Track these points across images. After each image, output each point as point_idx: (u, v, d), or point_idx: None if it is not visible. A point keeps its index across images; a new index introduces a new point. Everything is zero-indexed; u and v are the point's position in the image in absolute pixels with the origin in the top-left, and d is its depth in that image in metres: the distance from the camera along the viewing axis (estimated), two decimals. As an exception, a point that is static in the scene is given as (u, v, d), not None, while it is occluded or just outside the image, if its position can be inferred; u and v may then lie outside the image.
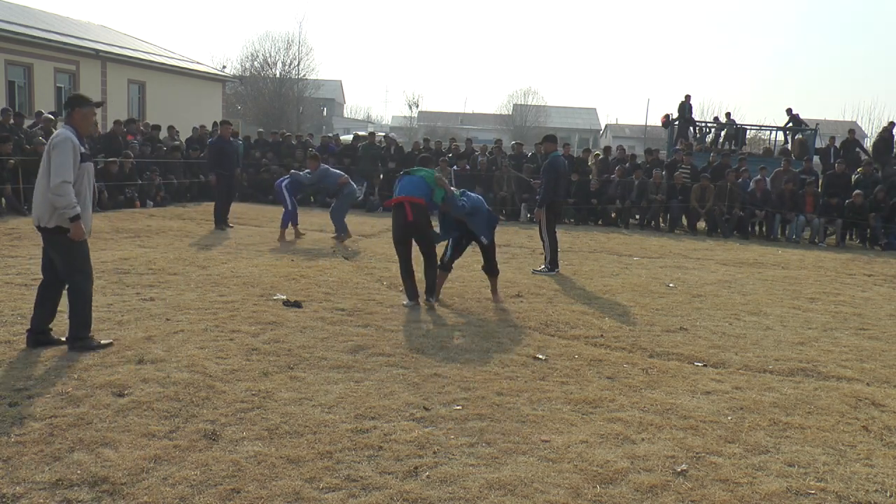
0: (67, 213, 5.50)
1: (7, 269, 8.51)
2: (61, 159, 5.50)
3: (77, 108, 5.77)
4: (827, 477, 4.16)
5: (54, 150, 5.54)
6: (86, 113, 5.82)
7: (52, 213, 5.57)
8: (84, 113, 5.80)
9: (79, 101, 5.83)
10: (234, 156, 13.88)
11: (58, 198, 5.46)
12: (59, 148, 5.54)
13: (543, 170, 10.85)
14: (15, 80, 25.24)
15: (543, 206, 10.66)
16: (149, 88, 31.22)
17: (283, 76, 50.61)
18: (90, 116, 5.90)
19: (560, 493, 3.79)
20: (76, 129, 5.72)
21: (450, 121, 68.06)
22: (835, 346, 7.16)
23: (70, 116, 5.77)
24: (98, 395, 4.74)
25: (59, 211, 5.52)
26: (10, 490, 3.51)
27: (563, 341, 6.80)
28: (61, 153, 5.51)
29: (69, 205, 5.48)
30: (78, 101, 5.82)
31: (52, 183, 5.46)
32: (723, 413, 5.08)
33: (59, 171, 5.47)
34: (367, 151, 19.73)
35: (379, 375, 5.46)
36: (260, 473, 3.81)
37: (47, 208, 5.57)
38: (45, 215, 5.60)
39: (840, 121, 48.05)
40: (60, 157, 5.50)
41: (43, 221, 5.62)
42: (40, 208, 5.62)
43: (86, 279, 5.79)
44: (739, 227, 17.30)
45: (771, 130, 26.62)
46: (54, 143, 5.59)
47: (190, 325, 6.53)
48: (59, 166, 5.48)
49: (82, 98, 5.90)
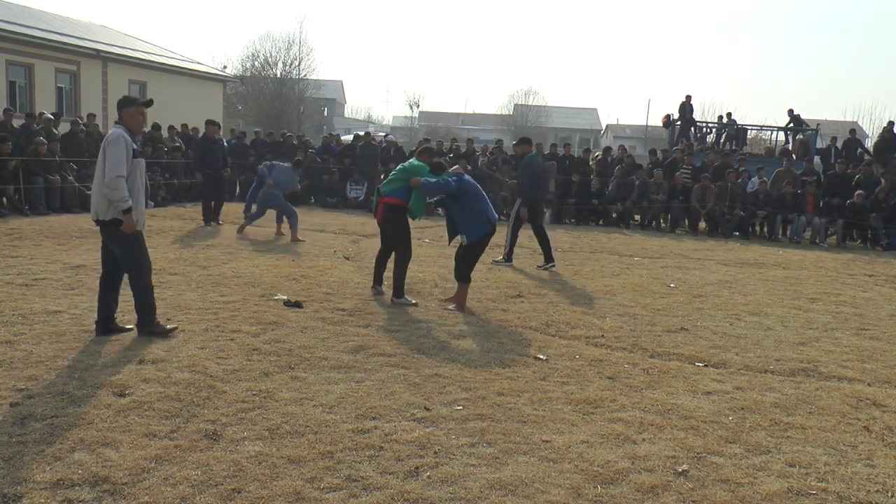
0: (120, 206, 5.85)
1: (8, 269, 8.52)
2: (115, 156, 5.85)
3: (125, 108, 6.13)
4: (828, 477, 4.16)
5: (109, 147, 5.89)
6: (133, 112, 6.14)
7: (108, 207, 5.91)
8: (132, 112, 6.13)
9: (126, 102, 6.19)
10: (220, 155, 13.98)
11: (112, 191, 5.82)
12: (113, 145, 5.88)
13: (521, 171, 11.20)
14: (16, 81, 25.26)
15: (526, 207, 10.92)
16: (150, 88, 31.18)
17: (283, 76, 50.62)
18: (138, 115, 6.20)
19: (561, 493, 3.79)
20: (127, 128, 6.06)
21: (450, 121, 68.06)
22: (836, 346, 7.15)
23: (120, 117, 6.13)
24: (99, 395, 4.74)
25: (113, 204, 5.86)
26: (11, 490, 3.51)
27: (563, 341, 6.79)
28: (115, 150, 5.87)
29: (122, 198, 5.84)
30: (125, 102, 6.19)
31: (107, 178, 5.82)
32: (724, 413, 5.08)
33: (113, 167, 5.83)
34: (366, 151, 19.73)
35: (380, 375, 5.46)
36: (261, 473, 3.81)
37: (104, 202, 5.92)
38: (101, 209, 5.94)
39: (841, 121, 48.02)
40: (114, 153, 5.85)
41: (100, 215, 5.97)
42: (97, 203, 5.96)
43: (143, 269, 6.15)
44: (740, 228, 17.31)
45: (772, 131, 26.63)
46: (109, 140, 5.93)
47: (191, 325, 6.53)
48: (113, 162, 5.84)
49: (129, 99, 6.26)
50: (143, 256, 6.16)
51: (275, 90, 49.83)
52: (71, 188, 14.59)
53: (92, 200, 6.08)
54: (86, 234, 11.58)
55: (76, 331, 6.12)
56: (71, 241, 10.86)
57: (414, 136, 49.14)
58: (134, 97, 6.35)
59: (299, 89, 51.19)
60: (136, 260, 6.10)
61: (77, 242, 10.73)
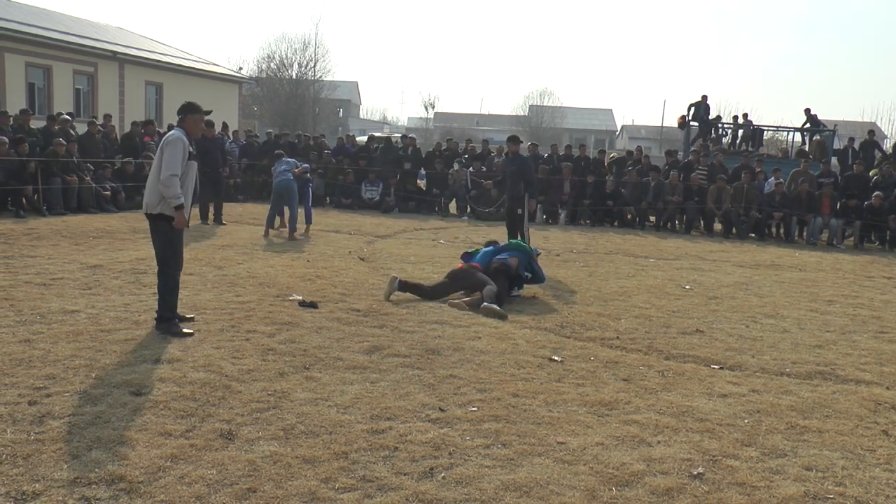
0: (173, 203, 6.20)
1: (27, 268, 8.59)
2: (172, 156, 6.20)
3: (189, 114, 6.48)
4: (846, 481, 4.12)
5: (167, 147, 6.24)
6: (196, 119, 6.54)
7: (159, 201, 6.26)
8: (195, 119, 6.53)
9: (191, 109, 6.53)
10: (218, 154, 14.10)
11: (166, 188, 6.17)
12: (171, 145, 6.24)
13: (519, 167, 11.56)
14: (35, 82, 25.48)
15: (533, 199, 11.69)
16: (166, 90, 31.42)
17: (299, 77, 50.78)
18: (199, 122, 6.65)
19: (575, 495, 3.78)
20: (186, 132, 6.41)
21: (465, 122, 68.07)
22: (853, 349, 7.09)
23: (182, 121, 6.47)
24: (116, 394, 4.77)
25: (165, 200, 6.21)
26: (29, 487, 3.54)
27: (578, 343, 6.78)
28: (173, 150, 6.22)
29: (175, 195, 6.19)
30: (190, 109, 6.53)
31: (163, 175, 6.16)
32: (739, 416, 5.05)
33: (169, 166, 6.17)
34: (386, 154, 19.74)
35: (394, 376, 5.47)
36: (276, 473, 3.83)
37: (156, 197, 6.27)
38: (153, 202, 6.30)
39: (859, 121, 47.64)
40: (172, 153, 6.21)
41: (150, 208, 6.33)
42: (150, 197, 6.32)
43: (176, 267, 6.46)
44: (756, 229, 17.19)
45: (788, 131, 26.45)
46: (168, 140, 6.29)
47: (206, 325, 6.57)
48: (169, 161, 6.19)
49: (195, 106, 6.59)
50: (178, 254, 6.47)
51: (290, 91, 49.99)
52: (88, 188, 14.70)
53: (145, 194, 6.43)
54: (102, 234, 11.67)
55: (93, 330, 6.17)
56: (88, 241, 10.94)
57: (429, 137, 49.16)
58: (198, 105, 6.64)
59: (315, 90, 51.35)
60: (171, 256, 6.40)
61: (94, 242, 10.81)
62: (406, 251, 11.95)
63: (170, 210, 6.25)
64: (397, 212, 18.48)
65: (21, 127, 14.67)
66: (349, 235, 13.62)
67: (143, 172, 16.23)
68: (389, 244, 12.79)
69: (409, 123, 72.91)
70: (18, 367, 5.18)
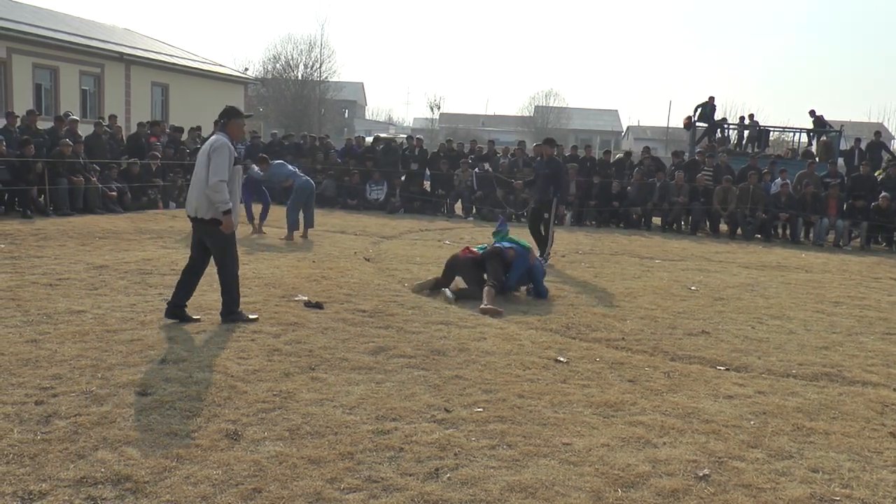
0: (222, 208, 6.36)
1: (33, 269, 8.62)
2: (220, 161, 6.35)
3: (232, 119, 6.62)
4: (852, 483, 4.11)
5: (214, 153, 6.37)
6: (238, 124, 6.70)
7: (208, 207, 6.42)
8: (237, 124, 6.68)
9: (234, 114, 6.68)
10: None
11: (214, 194, 6.33)
12: (218, 151, 6.38)
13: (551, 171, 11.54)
14: (41, 83, 25.55)
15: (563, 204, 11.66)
16: (172, 90, 31.48)
17: (304, 78, 50.84)
18: (241, 127, 6.83)
19: (581, 496, 3.77)
20: (229, 136, 6.56)
21: (471, 122, 68.10)
22: (860, 350, 7.07)
23: (226, 125, 6.61)
24: (121, 395, 4.78)
25: (214, 205, 6.36)
26: (36, 487, 3.55)
27: (584, 344, 6.77)
28: (220, 156, 6.36)
29: (223, 201, 6.35)
30: (233, 114, 6.68)
31: (210, 181, 6.31)
32: (745, 417, 5.03)
33: (216, 171, 6.32)
34: (388, 154, 19.76)
35: (400, 377, 5.47)
36: (281, 473, 3.83)
37: (204, 202, 6.43)
38: (202, 208, 6.47)
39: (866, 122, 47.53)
40: (219, 159, 6.35)
41: (200, 213, 6.49)
42: (198, 201, 6.48)
43: (234, 262, 6.72)
44: (762, 230, 17.15)
45: (795, 132, 26.38)
46: (214, 147, 6.42)
47: (212, 325, 6.58)
48: (217, 167, 6.33)
49: (237, 111, 6.76)
50: (235, 250, 6.73)
51: (296, 92, 50.07)
52: (94, 189, 14.73)
53: (190, 198, 6.61)
54: (108, 234, 11.70)
55: (99, 330, 6.18)
56: (94, 241, 10.97)
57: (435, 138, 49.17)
58: (239, 110, 6.84)
59: (320, 91, 51.38)
60: (230, 254, 6.67)
61: (100, 243, 10.84)
62: (411, 252, 11.96)
63: (220, 215, 6.41)
64: (402, 212, 18.49)
65: (28, 128, 14.71)
66: (354, 236, 13.63)
67: (149, 172, 16.30)
68: (395, 245, 12.79)
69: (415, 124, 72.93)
70: (25, 367, 5.20)
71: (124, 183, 15.72)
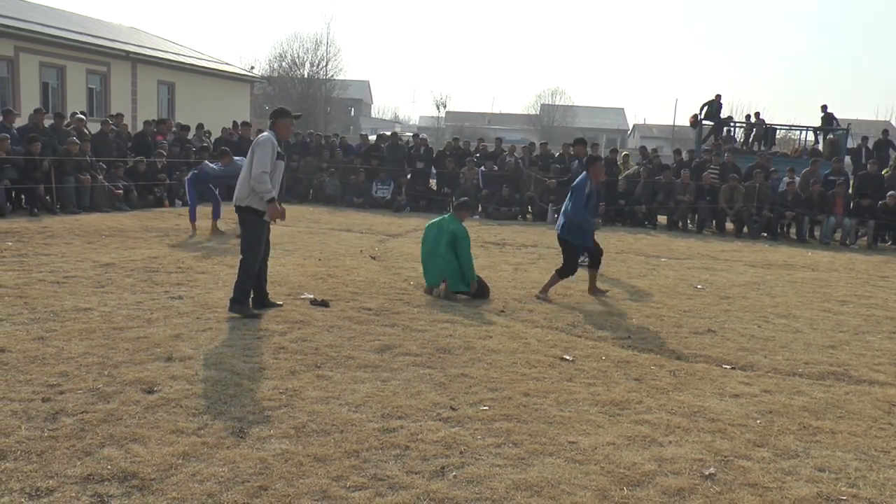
0: (266, 197, 6.76)
1: (40, 266, 8.65)
2: (262, 155, 6.75)
3: (279, 118, 7.02)
4: (859, 483, 4.10)
5: (258, 148, 6.80)
6: (286, 123, 7.07)
7: (248, 195, 6.83)
8: (285, 123, 7.06)
9: (282, 114, 7.08)
10: None
11: (258, 184, 6.73)
12: (262, 146, 6.80)
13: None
14: (49, 82, 25.65)
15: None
16: (178, 89, 31.56)
17: (310, 76, 50.94)
18: (289, 126, 7.16)
19: (587, 494, 3.77)
20: (276, 134, 6.96)
21: (477, 121, 68.11)
22: (867, 349, 7.05)
23: (274, 124, 7.02)
24: (128, 392, 4.80)
25: (257, 195, 6.77)
26: (43, 484, 3.57)
27: (590, 342, 6.76)
28: (263, 150, 6.77)
29: (266, 190, 6.75)
30: (281, 114, 7.08)
31: (254, 172, 6.72)
32: (751, 416, 5.02)
33: (259, 164, 6.73)
34: (392, 152, 19.76)
35: (406, 375, 5.47)
36: (287, 471, 3.84)
37: (246, 191, 6.84)
38: (242, 196, 6.89)
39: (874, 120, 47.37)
40: (262, 153, 6.76)
41: (240, 202, 6.91)
42: (240, 191, 6.91)
43: (255, 257, 7.00)
44: (768, 229, 17.10)
45: (801, 130, 26.29)
46: (259, 141, 6.88)
47: (218, 323, 6.59)
48: (260, 160, 6.74)
49: (286, 111, 7.15)
50: (260, 244, 7.03)
51: (302, 90, 50.16)
52: (101, 187, 14.78)
53: (236, 189, 7.00)
54: (115, 232, 11.73)
55: (106, 328, 6.20)
56: (101, 239, 11.00)
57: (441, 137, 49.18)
58: (288, 110, 7.21)
59: (326, 90, 51.50)
60: (254, 245, 6.96)
61: (107, 241, 10.87)
62: (418, 250, 11.90)
63: (260, 204, 6.80)
64: (408, 211, 18.48)
65: (35, 126, 14.75)
66: (361, 234, 13.64)
67: (155, 171, 16.33)
68: (401, 243, 12.79)
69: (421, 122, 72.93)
70: (32, 364, 5.22)
71: (131, 181, 15.76)
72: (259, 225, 6.95)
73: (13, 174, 13.49)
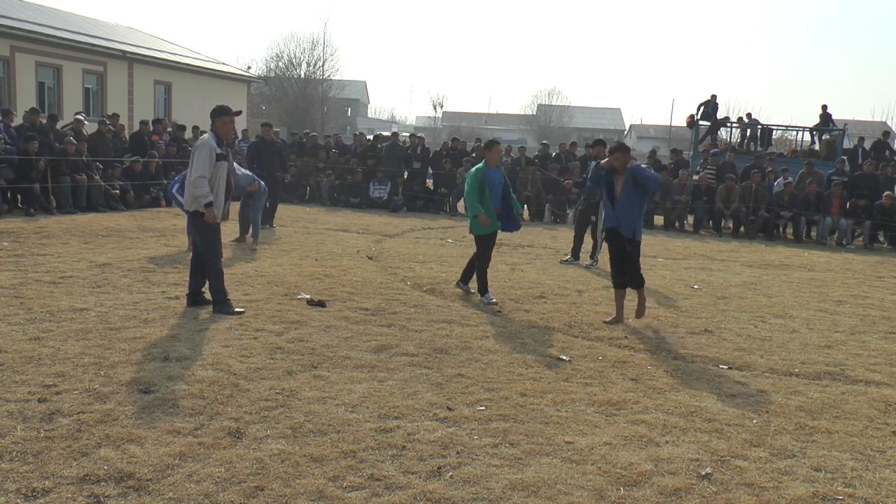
0: (203, 201, 6.78)
1: (37, 266, 8.63)
2: (200, 160, 6.78)
3: (217, 117, 6.97)
4: (855, 482, 4.10)
5: (196, 152, 6.84)
6: (225, 121, 7.01)
7: (192, 200, 6.87)
8: (224, 121, 7.00)
9: (221, 112, 7.02)
10: (273, 157, 13.61)
11: (195, 189, 6.78)
12: (199, 150, 6.83)
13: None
14: (45, 82, 25.59)
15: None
16: (175, 89, 31.50)
17: (307, 77, 50.89)
18: (229, 124, 7.08)
19: (583, 494, 3.77)
20: (216, 134, 6.95)
21: (474, 121, 68.16)
22: (863, 349, 7.06)
23: (213, 123, 6.98)
24: (124, 392, 4.79)
25: (197, 199, 6.79)
26: (39, 484, 3.56)
27: (586, 343, 6.77)
28: (200, 155, 6.80)
29: (204, 195, 6.77)
30: (220, 112, 7.02)
31: (191, 177, 6.79)
32: (748, 416, 5.03)
33: (196, 168, 6.77)
34: (391, 152, 19.75)
35: (402, 375, 5.47)
36: (284, 471, 3.83)
37: (190, 196, 6.90)
38: (188, 201, 6.96)
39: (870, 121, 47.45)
40: (199, 157, 6.79)
41: (189, 206, 6.98)
42: (187, 196, 6.98)
43: (216, 257, 7.05)
44: (765, 229, 17.12)
45: (797, 131, 26.34)
46: (196, 146, 6.90)
47: (214, 323, 6.58)
48: (198, 165, 6.77)
49: (225, 109, 7.08)
50: (217, 245, 7.04)
51: (299, 91, 50.10)
52: (97, 187, 14.75)
53: (185, 192, 7.10)
54: (111, 232, 11.71)
55: (102, 328, 6.19)
56: (97, 239, 10.98)
57: (438, 137, 49.17)
58: (227, 107, 7.12)
59: (323, 90, 51.44)
60: (211, 247, 6.99)
61: (103, 241, 10.85)
62: (414, 250, 11.95)
63: (202, 207, 6.80)
64: (405, 211, 18.48)
65: (32, 125, 14.72)
66: (357, 234, 13.63)
67: (151, 171, 16.30)
68: (398, 243, 12.79)
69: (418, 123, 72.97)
70: (28, 364, 5.21)
71: (127, 181, 15.73)
72: (212, 226, 6.97)
73: (9, 174, 13.46)
